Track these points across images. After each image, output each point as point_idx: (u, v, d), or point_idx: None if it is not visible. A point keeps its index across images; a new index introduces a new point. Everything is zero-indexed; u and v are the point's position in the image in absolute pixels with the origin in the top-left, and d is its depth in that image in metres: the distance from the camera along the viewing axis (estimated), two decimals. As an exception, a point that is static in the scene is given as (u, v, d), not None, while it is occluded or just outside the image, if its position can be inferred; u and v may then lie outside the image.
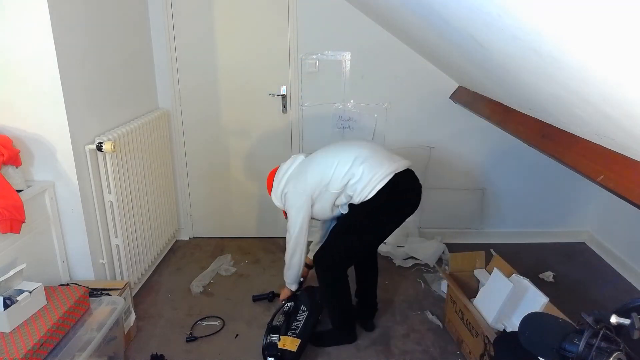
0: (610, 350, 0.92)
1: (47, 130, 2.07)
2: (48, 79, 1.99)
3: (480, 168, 3.24)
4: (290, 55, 3.02)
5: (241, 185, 3.34)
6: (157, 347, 2.24)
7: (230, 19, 3.01)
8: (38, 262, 2.06)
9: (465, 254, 2.43)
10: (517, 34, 1.14)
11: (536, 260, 3.08)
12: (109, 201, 2.35)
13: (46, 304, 1.82)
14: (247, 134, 3.23)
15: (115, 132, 2.38)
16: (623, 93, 1.00)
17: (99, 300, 2.02)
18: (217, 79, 3.12)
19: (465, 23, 1.44)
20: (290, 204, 2.20)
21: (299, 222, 2.18)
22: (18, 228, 1.85)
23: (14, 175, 1.97)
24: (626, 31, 0.78)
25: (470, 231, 3.35)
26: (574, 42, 0.96)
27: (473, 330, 2.07)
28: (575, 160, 1.53)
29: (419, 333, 2.39)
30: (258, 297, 2.66)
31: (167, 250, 3.21)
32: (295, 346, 2.10)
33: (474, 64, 1.96)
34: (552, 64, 1.15)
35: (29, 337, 1.64)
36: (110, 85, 2.48)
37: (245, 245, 3.32)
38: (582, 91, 1.16)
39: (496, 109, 2.32)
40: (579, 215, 3.31)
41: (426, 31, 2.06)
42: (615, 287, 2.81)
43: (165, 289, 2.80)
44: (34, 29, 1.93)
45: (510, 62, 1.44)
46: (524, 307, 1.93)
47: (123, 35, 2.63)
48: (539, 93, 1.53)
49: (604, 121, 1.23)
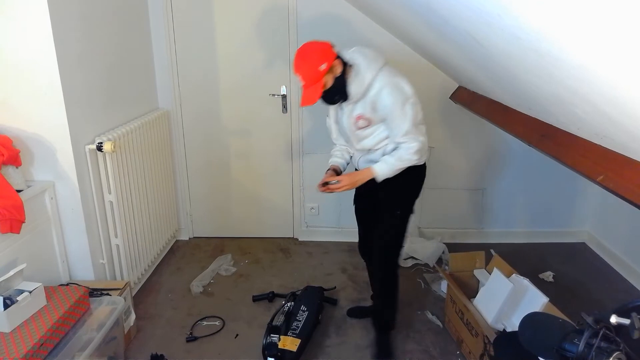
0: (610, 350, 0.92)
1: (47, 130, 2.07)
2: (48, 78, 1.99)
3: (480, 168, 3.24)
4: (291, 55, 3.02)
5: (241, 185, 3.34)
6: (157, 347, 2.24)
7: (230, 19, 3.00)
8: (38, 262, 2.06)
9: (465, 254, 2.43)
10: (517, 33, 1.14)
11: (536, 260, 3.08)
12: (109, 201, 2.35)
13: (46, 304, 1.82)
14: (247, 133, 3.23)
15: (115, 132, 2.38)
16: (623, 93, 1.00)
17: (99, 300, 2.02)
18: (217, 79, 3.12)
19: (465, 22, 1.44)
20: (407, 94, 1.82)
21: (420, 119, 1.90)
22: (18, 228, 1.85)
23: (14, 175, 1.97)
24: (626, 30, 0.78)
25: (470, 231, 3.35)
26: (573, 42, 0.96)
27: (473, 330, 2.07)
28: (575, 160, 1.53)
29: (419, 333, 2.39)
30: (258, 297, 2.66)
31: (167, 250, 3.21)
32: (295, 346, 2.10)
33: (474, 63, 1.96)
34: (552, 64, 1.15)
35: (29, 337, 1.64)
36: (110, 85, 2.48)
37: (245, 245, 3.32)
38: (582, 91, 1.15)
39: (496, 109, 2.32)
40: (578, 215, 3.31)
41: (426, 31, 2.06)
42: (615, 287, 2.81)
43: (165, 289, 2.80)
44: (34, 28, 1.93)
45: (510, 61, 1.44)
46: (524, 307, 1.93)
47: (123, 35, 2.63)
48: (538, 93, 1.52)
49: (603, 121, 1.23)
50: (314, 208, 3.34)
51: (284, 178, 3.31)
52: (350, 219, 3.38)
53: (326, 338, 2.36)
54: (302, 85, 1.82)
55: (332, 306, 2.60)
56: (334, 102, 1.95)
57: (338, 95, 1.87)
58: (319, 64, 1.76)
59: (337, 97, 1.89)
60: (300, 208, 3.36)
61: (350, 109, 1.94)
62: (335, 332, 2.40)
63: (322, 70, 1.77)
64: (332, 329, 2.43)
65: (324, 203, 3.32)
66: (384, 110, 1.84)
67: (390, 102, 1.82)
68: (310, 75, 1.78)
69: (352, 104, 1.91)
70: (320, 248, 3.29)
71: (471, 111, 2.76)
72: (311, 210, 3.35)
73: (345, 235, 3.28)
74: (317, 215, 3.36)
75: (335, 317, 2.51)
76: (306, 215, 3.37)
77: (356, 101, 1.88)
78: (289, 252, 3.26)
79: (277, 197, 3.36)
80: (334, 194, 2.08)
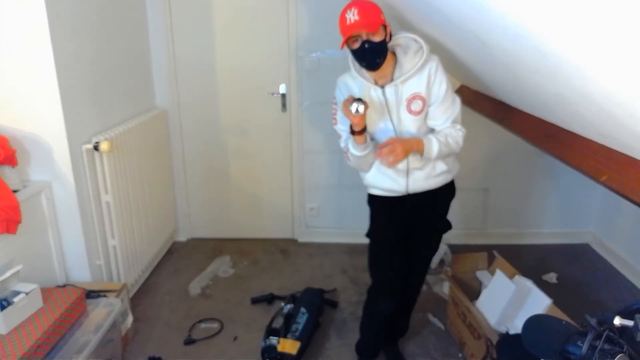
0: (613, 352, 0.91)
1: (44, 129, 2.06)
2: (45, 78, 1.98)
3: (482, 168, 3.22)
4: (290, 54, 3.00)
5: (240, 185, 3.32)
6: (154, 350, 2.23)
7: (229, 17, 2.99)
8: (34, 263, 2.04)
9: (468, 255, 2.42)
10: (521, 32, 1.13)
11: (539, 261, 3.06)
12: (106, 201, 2.33)
13: (43, 305, 1.82)
14: (246, 133, 3.21)
15: (112, 131, 2.36)
16: (627, 93, 0.98)
17: (96, 302, 2.02)
18: (215, 78, 3.10)
19: (468, 21, 1.43)
20: (445, 77, 1.68)
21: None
22: (14, 228, 1.84)
23: (10, 175, 1.95)
24: (630, 29, 0.77)
25: (473, 232, 3.32)
26: (577, 41, 0.95)
27: (475, 333, 2.05)
28: (578, 160, 1.52)
29: (421, 335, 2.37)
30: (257, 299, 2.64)
31: (164, 252, 3.19)
32: (295, 349, 2.08)
33: (477, 62, 1.95)
34: (556, 63, 1.14)
35: (26, 339, 1.63)
36: (108, 84, 2.46)
37: (244, 247, 3.30)
38: (586, 90, 1.14)
39: (499, 108, 2.31)
40: (582, 216, 3.29)
41: (428, 29, 2.05)
42: (619, 289, 2.79)
43: (163, 290, 2.78)
44: (31, 28, 1.92)
45: (513, 60, 1.43)
46: (527, 309, 1.91)
47: (120, 34, 2.61)
48: (542, 92, 1.51)
49: (608, 120, 1.22)
50: (313, 209, 3.31)
51: (284, 178, 3.29)
52: (350, 219, 3.39)
53: (326, 340, 2.34)
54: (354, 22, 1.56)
55: (332, 308, 2.58)
56: (374, 64, 1.63)
57: (382, 56, 1.62)
58: (380, 12, 1.60)
59: (380, 59, 1.62)
60: (299, 209, 3.33)
61: (396, 91, 1.66)
62: (335, 335, 2.38)
63: (382, 18, 1.60)
64: (333, 331, 2.41)
65: (324, 204, 3.30)
66: (440, 88, 1.65)
67: (445, 80, 1.67)
68: (370, 14, 1.56)
69: (401, 83, 1.65)
70: (320, 249, 3.27)
71: (474, 110, 2.74)
72: (311, 211, 3.33)
73: (346, 236, 3.26)
74: (317, 216, 3.34)
75: (336, 319, 2.49)
76: (306, 216, 3.35)
77: (406, 79, 1.65)
78: (288, 253, 3.24)
79: (276, 198, 3.34)
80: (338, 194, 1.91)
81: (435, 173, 1.76)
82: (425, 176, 1.75)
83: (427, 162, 1.72)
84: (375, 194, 1.85)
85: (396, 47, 1.70)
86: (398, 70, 1.67)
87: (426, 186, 1.77)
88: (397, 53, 1.69)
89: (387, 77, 1.68)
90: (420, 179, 1.75)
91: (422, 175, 1.75)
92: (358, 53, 1.61)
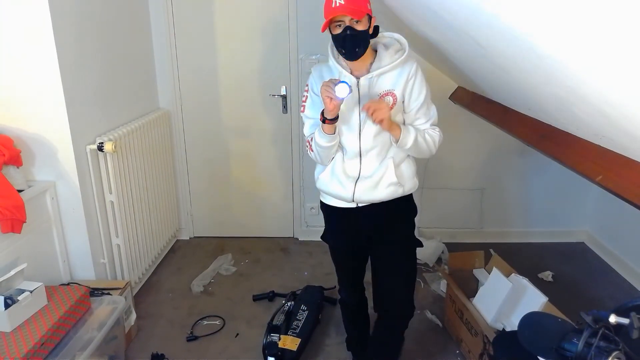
0: (609, 349, 0.92)
1: (48, 130, 2.07)
2: (49, 79, 2.00)
3: (479, 168, 3.24)
4: (291, 56, 3.03)
5: (242, 185, 3.35)
6: (157, 347, 2.25)
7: (230, 19, 3.01)
8: (39, 262, 2.06)
9: (465, 254, 2.44)
10: (516, 34, 1.14)
11: (535, 259, 3.09)
12: (110, 201, 2.36)
13: (47, 303, 1.83)
14: (247, 134, 3.24)
15: (116, 132, 2.38)
16: (622, 94, 1.00)
17: (100, 300, 2.03)
18: (217, 79, 3.12)
19: (464, 23, 1.44)
20: (425, 82, 1.66)
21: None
22: (19, 228, 1.85)
23: (15, 175, 1.97)
24: (625, 31, 0.78)
25: (470, 231, 3.35)
26: (572, 42, 0.97)
27: (472, 330, 2.08)
28: (574, 160, 1.53)
29: (419, 332, 2.39)
30: (258, 297, 2.67)
31: (167, 250, 3.22)
32: (296, 345, 2.11)
33: (473, 63, 1.96)
34: (551, 64, 1.15)
35: (30, 336, 1.64)
36: (111, 86, 2.48)
37: (246, 245, 3.32)
38: (581, 91, 1.16)
39: (495, 109, 2.33)
40: (578, 215, 3.31)
41: (425, 31, 2.06)
42: (614, 287, 2.81)
43: (165, 288, 2.80)
44: (35, 29, 1.93)
45: (510, 62, 1.43)
46: (523, 306, 1.93)
47: (124, 35, 2.63)
48: (537, 93, 1.52)
49: (603, 121, 1.23)
50: (314, 208, 3.34)
51: (284, 178, 3.31)
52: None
53: (326, 337, 2.37)
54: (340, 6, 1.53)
55: (332, 305, 2.60)
56: (353, 53, 1.58)
57: (363, 46, 1.57)
58: (367, 1, 1.57)
59: (360, 49, 1.57)
60: (300, 208, 3.36)
61: (371, 83, 1.62)
62: (335, 332, 2.41)
63: (368, 7, 1.56)
64: (332, 328, 2.44)
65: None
66: (418, 89, 1.63)
67: (425, 85, 1.65)
68: (356, 0, 1.52)
69: (377, 77, 1.61)
70: (321, 247, 3.28)
71: (471, 111, 2.77)
72: (311, 210, 3.35)
73: (345, 235, 3.28)
74: (317, 214, 3.36)
75: (336, 317, 2.52)
76: (306, 214, 3.38)
77: (383, 73, 1.61)
78: (289, 251, 3.26)
79: (277, 197, 3.36)
80: None
81: (383, 184, 1.67)
82: (372, 184, 1.67)
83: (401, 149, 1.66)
84: (326, 203, 1.82)
85: (378, 44, 1.67)
86: (377, 63, 1.62)
87: (372, 197, 1.68)
88: (378, 49, 1.66)
89: (364, 70, 1.63)
90: (368, 187, 1.67)
91: (370, 183, 1.67)
92: (339, 39, 1.56)
